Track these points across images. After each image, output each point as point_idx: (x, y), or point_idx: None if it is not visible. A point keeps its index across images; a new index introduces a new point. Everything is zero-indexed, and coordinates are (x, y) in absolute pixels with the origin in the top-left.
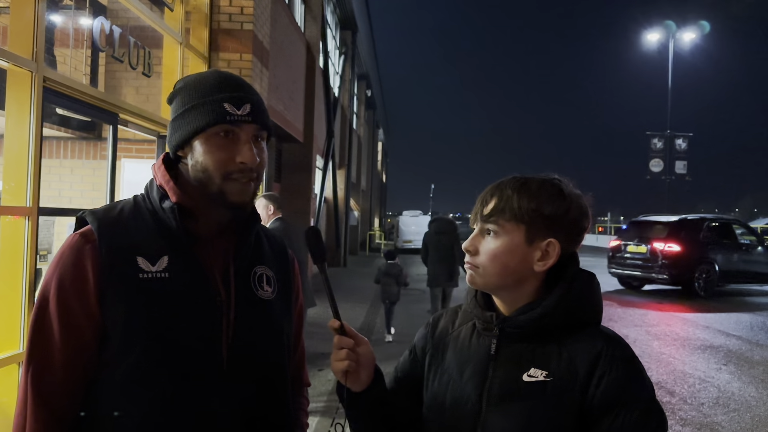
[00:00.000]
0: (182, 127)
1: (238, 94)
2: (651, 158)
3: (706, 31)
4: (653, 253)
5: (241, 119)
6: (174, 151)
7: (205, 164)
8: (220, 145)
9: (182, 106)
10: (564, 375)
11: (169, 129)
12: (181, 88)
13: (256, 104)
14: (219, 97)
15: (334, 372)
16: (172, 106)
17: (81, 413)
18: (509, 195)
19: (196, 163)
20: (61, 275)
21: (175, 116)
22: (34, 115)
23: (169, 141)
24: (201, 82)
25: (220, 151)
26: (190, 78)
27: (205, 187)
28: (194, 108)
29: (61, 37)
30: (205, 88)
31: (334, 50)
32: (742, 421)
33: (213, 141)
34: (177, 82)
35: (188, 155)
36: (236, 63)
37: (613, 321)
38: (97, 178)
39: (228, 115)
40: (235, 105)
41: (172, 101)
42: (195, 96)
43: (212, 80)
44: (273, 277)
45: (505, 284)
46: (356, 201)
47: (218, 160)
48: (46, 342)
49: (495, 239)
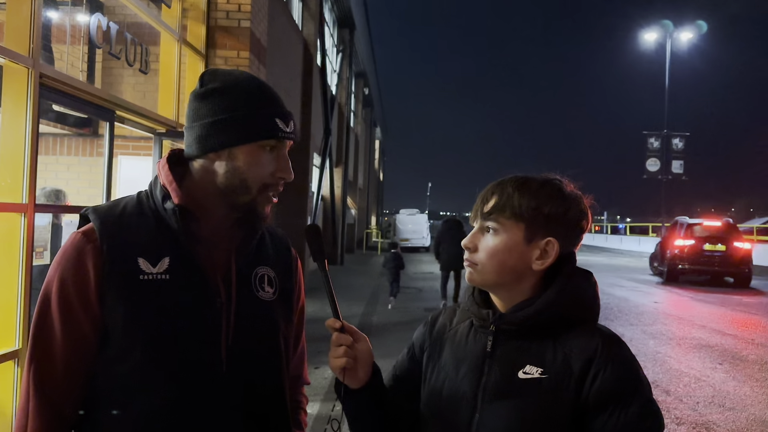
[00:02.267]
0: (226, 132)
1: (285, 110)
2: (648, 157)
3: (703, 30)
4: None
5: (288, 136)
6: (205, 151)
7: (246, 174)
8: (265, 158)
9: (227, 111)
10: (559, 372)
11: (206, 128)
12: (222, 89)
13: (294, 120)
14: (271, 111)
15: (332, 369)
16: (204, 103)
17: (82, 411)
18: (510, 193)
19: (234, 170)
20: (63, 274)
21: (218, 119)
22: (30, 112)
23: (204, 140)
24: (245, 88)
25: (264, 165)
26: (227, 78)
27: (236, 195)
28: (245, 117)
29: (58, 34)
30: (252, 97)
31: (332, 48)
32: (737, 420)
33: (259, 153)
34: (207, 77)
35: (222, 160)
36: (233, 60)
37: (609, 320)
38: (93, 175)
39: (280, 131)
40: (284, 121)
41: (206, 98)
42: (243, 103)
43: (256, 89)
44: (274, 278)
45: (502, 282)
46: (353, 199)
47: (261, 172)
48: (48, 340)
49: (494, 237)
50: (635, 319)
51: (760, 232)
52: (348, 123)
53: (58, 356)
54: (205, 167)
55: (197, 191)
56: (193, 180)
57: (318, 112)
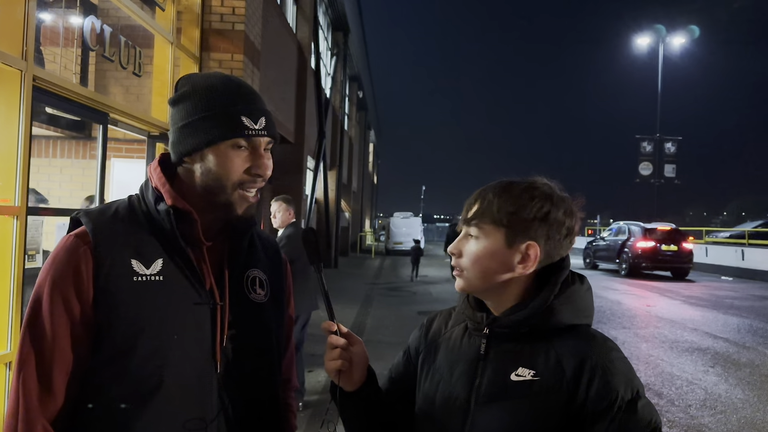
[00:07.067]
0: (195, 135)
1: (254, 107)
2: (640, 161)
3: (695, 35)
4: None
5: (257, 133)
6: (181, 156)
7: (218, 174)
8: (235, 156)
9: (194, 113)
10: (551, 375)
11: (177, 133)
12: (191, 93)
13: (268, 116)
14: (236, 110)
15: (327, 371)
16: (177, 109)
17: (73, 413)
18: (490, 199)
19: (208, 172)
20: (55, 276)
21: (186, 122)
22: (23, 114)
23: (176, 145)
24: (212, 89)
25: (234, 163)
26: (198, 81)
27: (214, 195)
28: (210, 118)
29: (51, 36)
30: (220, 97)
31: (326, 51)
32: (729, 422)
33: (228, 152)
34: (180, 82)
35: (197, 162)
36: (227, 63)
37: (602, 323)
38: (86, 177)
39: (246, 129)
40: (252, 119)
41: (178, 103)
42: (209, 104)
43: (224, 88)
44: (266, 281)
45: (487, 287)
46: (347, 202)
47: (232, 171)
48: (38, 343)
49: (477, 243)
50: (628, 322)
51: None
52: (342, 126)
53: (49, 358)
54: (187, 170)
55: (186, 194)
56: (182, 182)
57: (312, 115)
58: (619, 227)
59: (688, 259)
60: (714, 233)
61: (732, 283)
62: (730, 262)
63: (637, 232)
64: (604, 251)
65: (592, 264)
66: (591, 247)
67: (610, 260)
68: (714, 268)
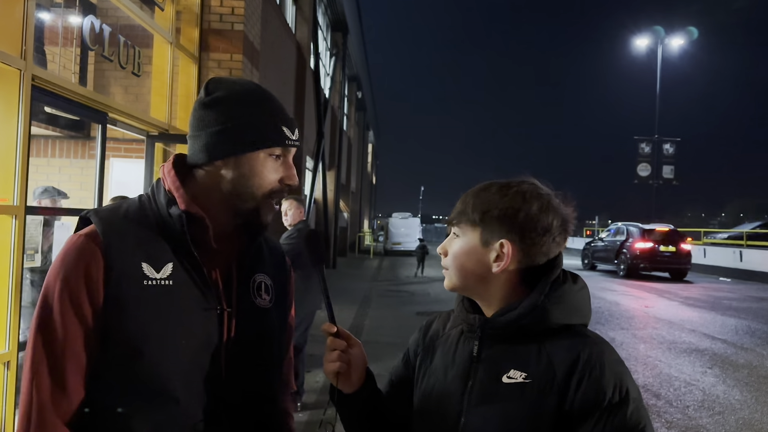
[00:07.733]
0: (233, 140)
1: (290, 118)
2: (639, 162)
3: (694, 37)
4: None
5: (293, 144)
6: (212, 159)
7: (252, 181)
8: (271, 165)
9: (233, 119)
10: (542, 377)
11: (212, 137)
12: (227, 98)
13: (297, 128)
14: (277, 120)
15: (326, 373)
16: (210, 112)
17: (82, 413)
18: (468, 200)
19: (240, 177)
20: (66, 275)
21: (224, 126)
22: (22, 114)
23: (210, 148)
24: (250, 96)
25: (270, 172)
26: (233, 86)
27: (243, 201)
28: (251, 125)
29: (51, 35)
30: (260, 106)
31: (325, 51)
32: (727, 423)
33: (265, 161)
34: (212, 85)
35: (229, 167)
36: (226, 63)
37: (600, 324)
38: (85, 177)
39: (287, 139)
40: (290, 130)
41: (212, 107)
42: (249, 112)
43: (262, 95)
44: (271, 286)
45: (467, 285)
46: (346, 202)
47: (267, 179)
48: (49, 343)
49: (458, 242)
50: (626, 323)
51: (749, 236)
52: (341, 126)
53: (59, 359)
54: (210, 174)
55: (201, 197)
56: (198, 186)
57: (311, 115)
58: (617, 228)
59: (687, 260)
60: (712, 234)
61: (730, 284)
62: (728, 263)
63: (636, 233)
64: (602, 252)
65: (590, 265)
66: (589, 247)
67: (608, 261)
68: (712, 269)
